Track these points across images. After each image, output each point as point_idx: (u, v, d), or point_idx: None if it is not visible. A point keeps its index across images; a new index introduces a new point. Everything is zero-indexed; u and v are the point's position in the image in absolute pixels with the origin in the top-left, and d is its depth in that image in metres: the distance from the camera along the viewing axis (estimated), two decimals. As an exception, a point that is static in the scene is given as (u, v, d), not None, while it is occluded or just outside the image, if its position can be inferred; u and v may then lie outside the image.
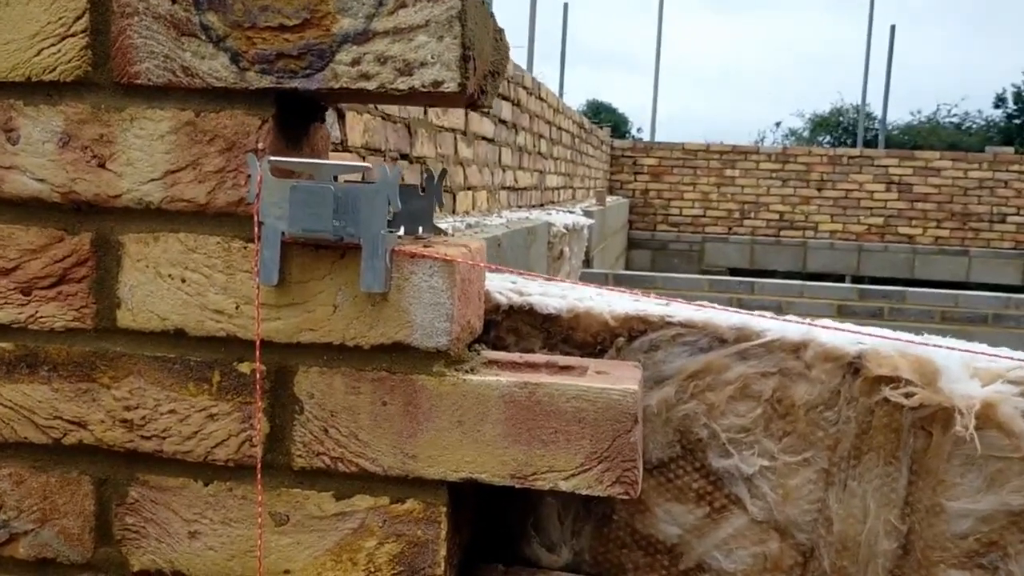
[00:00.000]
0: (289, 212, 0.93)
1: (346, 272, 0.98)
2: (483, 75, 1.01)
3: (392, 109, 3.30)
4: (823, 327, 1.09)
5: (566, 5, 14.50)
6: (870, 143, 18.03)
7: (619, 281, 7.29)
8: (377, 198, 0.94)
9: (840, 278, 12.85)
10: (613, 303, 1.15)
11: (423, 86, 0.94)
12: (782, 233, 13.27)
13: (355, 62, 0.95)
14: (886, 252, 12.64)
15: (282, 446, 1.01)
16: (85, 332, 1.03)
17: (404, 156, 3.52)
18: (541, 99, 6.80)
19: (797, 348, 1.10)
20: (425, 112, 3.74)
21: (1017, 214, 12.72)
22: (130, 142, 1.00)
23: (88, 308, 1.03)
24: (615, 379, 0.99)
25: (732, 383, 1.11)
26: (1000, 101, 31.60)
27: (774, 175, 13.29)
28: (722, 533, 1.12)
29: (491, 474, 0.98)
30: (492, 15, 1.04)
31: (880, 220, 12.94)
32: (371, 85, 0.95)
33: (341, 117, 2.84)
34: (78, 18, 0.99)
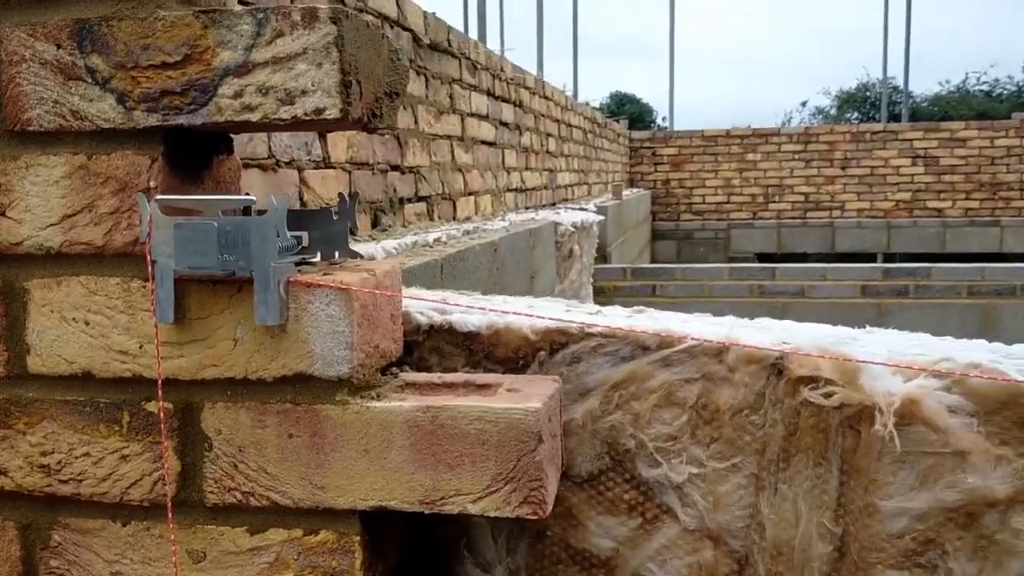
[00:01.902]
0: (175, 250, 0.93)
1: (244, 306, 0.97)
2: (374, 98, 1.00)
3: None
4: (745, 327, 1.06)
5: (575, 1, 14.44)
6: (898, 117, 17.73)
7: (636, 275, 7.24)
8: (265, 229, 0.93)
9: (870, 257, 12.66)
10: (539, 316, 1.14)
11: (305, 114, 0.93)
12: (808, 215, 13.10)
13: (237, 94, 0.94)
14: (916, 227, 12.42)
15: (194, 483, 1.01)
16: (-1, 379, 1.04)
17: (395, 167, 3.52)
18: (546, 98, 6.78)
19: (720, 352, 1.07)
20: (416, 122, 3.74)
21: (1050, 180, 12.44)
22: (27, 189, 1.00)
23: (0, 355, 1.03)
24: (523, 397, 0.98)
25: (656, 391, 1.08)
26: (1031, 65, 30.85)
27: (797, 156, 13.12)
28: (655, 544, 1.10)
29: (400, 501, 0.97)
30: (385, 36, 1.03)
31: (908, 195, 12.72)
32: (255, 116, 0.94)
33: (322, 134, 2.85)
34: (-33, 69, 0.99)
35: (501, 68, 5.23)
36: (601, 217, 6.44)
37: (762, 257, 12.51)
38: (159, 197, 0.94)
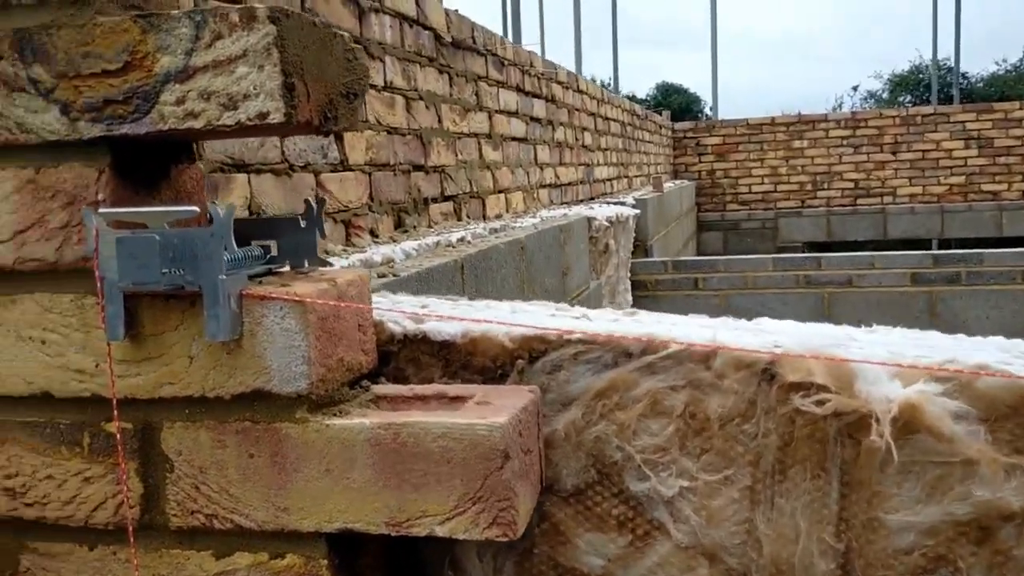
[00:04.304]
0: (119, 265, 0.89)
1: (198, 321, 0.93)
2: (326, 100, 0.95)
3: (399, 121, 3.27)
4: (734, 329, 0.99)
5: (614, -9, 14.28)
6: (952, 99, 17.23)
7: (677, 268, 7.11)
8: (213, 242, 0.89)
9: (924, 243, 12.32)
10: (515, 324, 1.08)
11: (249, 119, 0.89)
12: (859, 201, 12.80)
13: (180, 101, 0.90)
14: (970, 212, 12.05)
15: (158, 506, 0.97)
16: (-41, 402, 1.01)
17: (419, 167, 3.48)
18: (581, 91, 6.69)
19: (706, 357, 1.00)
20: (440, 120, 3.70)
21: (1112, 157, 11.98)
22: (-22, 205, 0.97)
23: (-40, 377, 1.00)
24: (491, 410, 0.92)
25: (641, 400, 1.02)
26: (1092, 39, 29.78)
27: (845, 142, 12.82)
28: (648, 562, 1.04)
29: (366, 523, 0.92)
30: (338, 35, 0.98)
31: (961, 179, 12.35)
32: (199, 123, 0.90)
33: (339, 137, 2.82)
34: (-86, 85, 0.96)
35: (531, 63, 5.17)
36: (637, 211, 6.33)
37: (811, 246, 12.26)
38: (103, 211, 0.90)
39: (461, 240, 3.21)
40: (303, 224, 1.08)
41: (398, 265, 2.49)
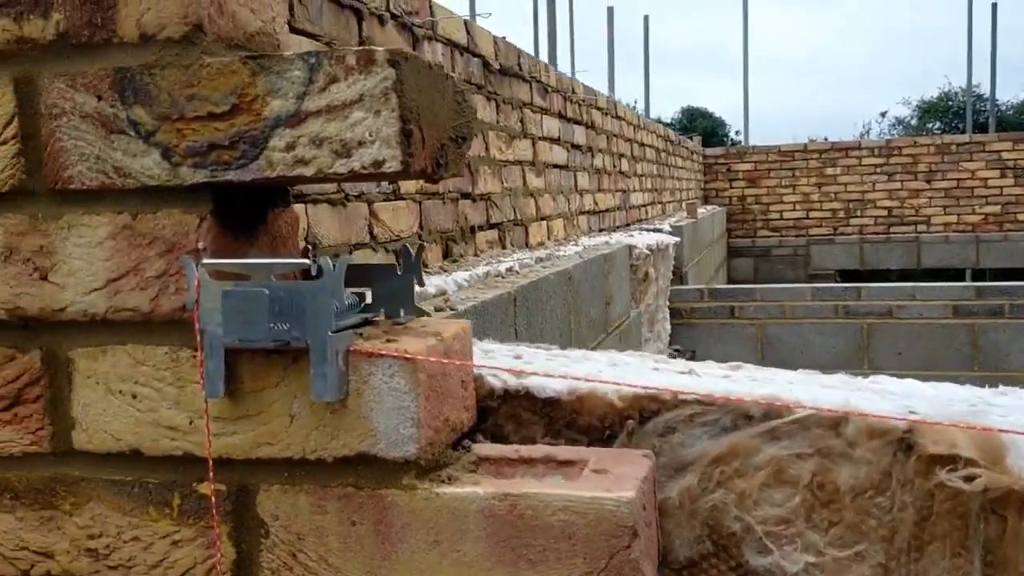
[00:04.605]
0: (223, 319, 0.84)
1: (300, 378, 0.88)
2: (438, 145, 0.89)
3: (448, 150, 3.23)
4: (862, 390, 0.92)
5: (646, 17, 14.27)
6: (983, 127, 17.06)
7: (713, 296, 7.02)
8: (322, 296, 0.83)
9: (958, 272, 12.15)
10: (625, 379, 1.01)
11: (363, 168, 0.84)
12: (892, 230, 12.64)
13: (290, 147, 0.85)
14: (1006, 241, 11.87)
15: (250, 573, 0.91)
16: (43, 456, 0.96)
17: (466, 195, 3.44)
18: (619, 118, 6.65)
19: (836, 423, 0.94)
20: (487, 148, 3.66)
21: None
22: (70, 251, 0.92)
23: (44, 430, 0.96)
24: (612, 481, 0.86)
25: (763, 468, 0.95)
26: None
27: (879, 170, 12.69)
28: (766, 641, 0.97)
29: (476, 599, 0.86)
30: (449, 77, 0.93)
31: (997, 208, 12.17)
32: (308, 171, 0.85)
33: (391, 165, 2.78)
34: (7, 123, 0.92)
35: (572, 89, 5.13)
36: (677, 239, 6.27)
37: (844, 274, 12.11)
38: (206, 261, 0.85)
39: (510, 270, 3.16)
40: (399, 271, 1.02)
41: (453, 297, 2.44)
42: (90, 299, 0.92)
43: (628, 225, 6.83)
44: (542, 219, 4.48)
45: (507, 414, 1.04)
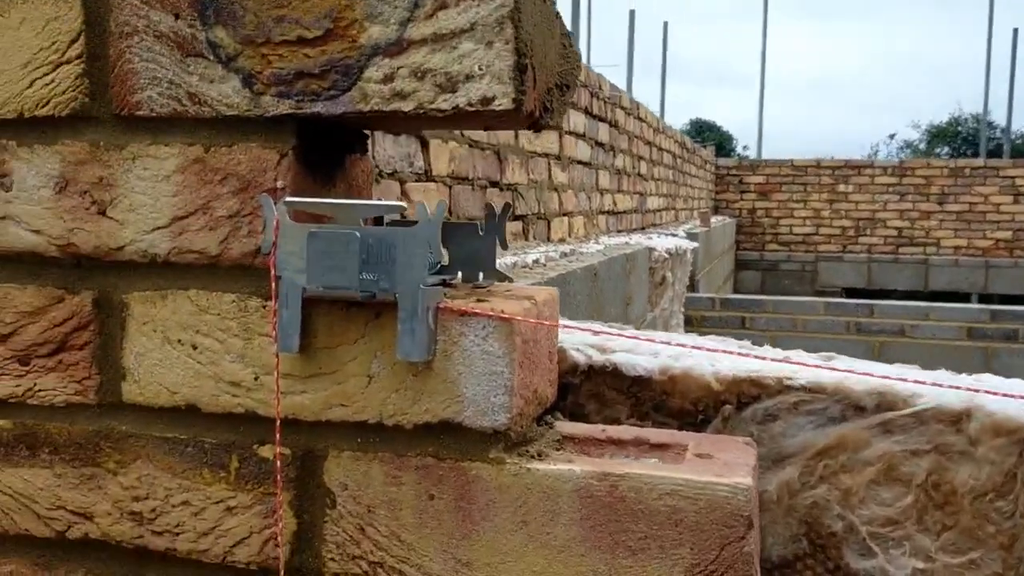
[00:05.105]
0: (308, 264, 0.76)
1: (383, 335, 0.80)
2: (546, 88, 0.82)
3: (480, 135, 3.15)
4: (991, 392, 0.85)
5: (666, 24, 14.21)
6: (994, 153, 17.01)
7: (725, 305, 6.95)
8: (415, 244, 0.75)
9: (965, 296, 12.07)
10: (718, 361, 0.94)
11: (470, 104, 0.76)
12: (901, 250, 12.58)
13: (387, 78, 0.77)
14: (1016, 268, 11.80)
15: (312, 547, 0.83)
16: (88, 408, 0.88)
17: (494, 184, 3.36)
18: (640, 119, 6.57)
19: (958, 419, 0.86)
20: (516, 137, 3.58)
21: None
22: (132, 184, 0.84)
23: (91, 380, 0.88)
24: (722, 466, 0.78)
25: (873, 463, 0.87)
26: None
27: (891, 189, 12.63)
28: (864, 653, 0.89)
29: (565, 588, 0.78)
30: (558, 15, 0.85)
31: (1008, 234, 12.11)
32: (407, 106, 0.77)
33: (424, 145, 2.70)
34: (73, 41, 0.84)
35: (600, 86, 5.06)
36: (695, 244, 6.19)
37: (850, 292, 12.04)
38: (289, 199, 0.77)
39: (536, 262, 3.08)
40: (482, 232, 0.94)
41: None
42: (152, 238, 0.84)
43: (643, 228, 6.76)
44: (564, 215, 4.40)
45: (589, 392, 0.96)
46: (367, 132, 0.93)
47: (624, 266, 4.03)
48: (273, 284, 0.79)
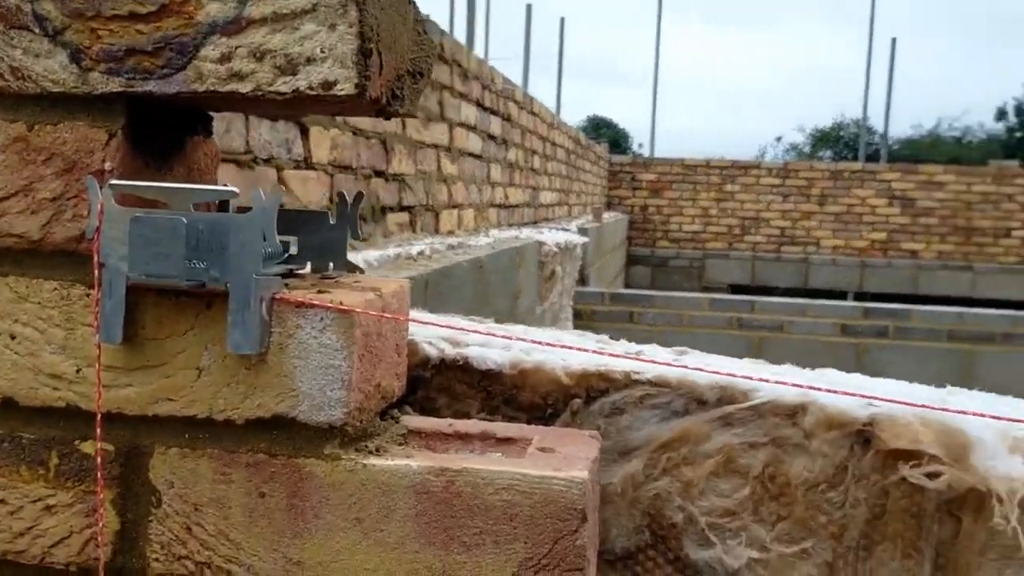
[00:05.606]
0: (130, 251, 0.72)
1: (214, 327, 0.76)
2: (395, 75, 0.80)
3: (364, 123, 3.10)
4: (825, 390, 0.87)
5: (563, 19, 14.34)
6: (872, 157, 17.83)
7: (614, 300, 7.06)
8: (249, 232, 0.73)
9: (842, 294, 12.60)
10: (569, 356, 0.94)
11: (311, 88, 0.73)
12: (783, 249, 13.04)
13: (225, 58, 0.74)
14: (889, 268, 12.40)
15: (136, 547, 0.79)
16: None
17: (379, 174, 3.31)
18: (534, 114, 6.61)
19: (794, 412, 0.88)
20: (404, 126, 3.54)
21: (1022, 228, 12.49)
22: (-54, 162, 0.79)
23: (-102, 370, 0.81)
24: (561, 460, 0.78)
25: (713, 456, 0.89)
26: (1001, 114, 31.33)
27: (775, 190, 13.07)
28: (702, 642, 0.90)
29: (400, 585, 0.76)
30: (412, 2, 0.83)
31: (883, 235, 12.71)
32: (245, 87, 0.74)
33: (304, 132, 2.64)
34: None
35: (492, 79, 5.05)
36: (585, 239, 6.27)
37: (735, 288, 12.41)
38: (115, 183, 0.73)
39: (421, 254, 3.06)
40: (332, 220, 0.92)
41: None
42: (-33, 219, 0.79)
43: (536, 223, 6.80)
44: (454, 207, 4.38)
45: (440, 386, 0.95)
46: (211, 114, 0.90)
47: (513, 259, 4.04)
48: (96, 271, 0.74)
